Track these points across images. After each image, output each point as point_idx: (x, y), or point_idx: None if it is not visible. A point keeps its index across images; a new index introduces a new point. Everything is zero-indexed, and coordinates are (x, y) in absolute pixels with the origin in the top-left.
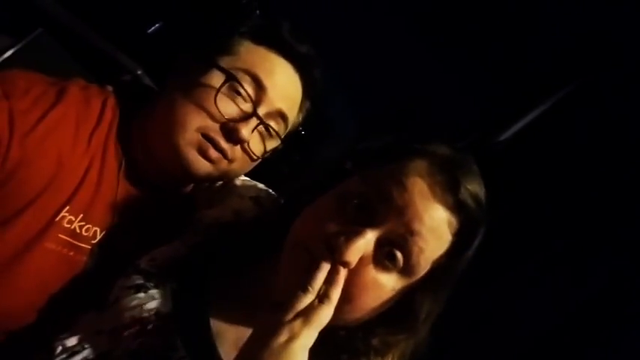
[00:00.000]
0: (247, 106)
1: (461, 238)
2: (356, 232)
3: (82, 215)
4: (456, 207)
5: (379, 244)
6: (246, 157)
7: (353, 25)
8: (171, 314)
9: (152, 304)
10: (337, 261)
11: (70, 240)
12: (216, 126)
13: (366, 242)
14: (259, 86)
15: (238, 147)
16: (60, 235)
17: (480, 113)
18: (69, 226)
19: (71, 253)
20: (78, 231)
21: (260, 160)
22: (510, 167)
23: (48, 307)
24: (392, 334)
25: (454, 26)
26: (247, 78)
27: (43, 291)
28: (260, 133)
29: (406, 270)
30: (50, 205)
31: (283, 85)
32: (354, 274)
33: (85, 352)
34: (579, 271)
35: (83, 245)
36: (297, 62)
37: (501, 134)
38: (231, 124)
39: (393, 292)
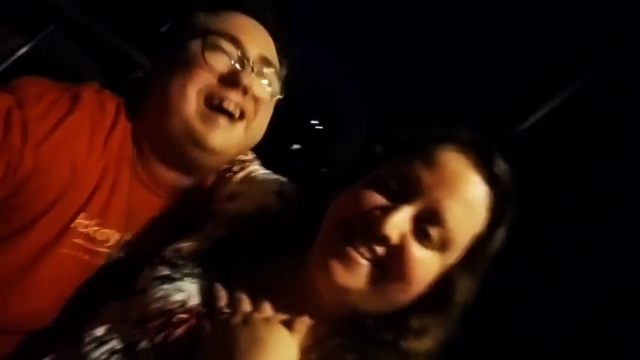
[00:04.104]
0: (235, 55)
1: (495, 214)
2: (392, 207)
3: (97, 220)
4: (491, 181)
5: (416, 221)
6: (258, 108)
7: (369, 25)
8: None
9: (178, 297)
10: (375, 236)
11: (86, 245)
12: (215, 82)
13: (401, 217)
14: (236, 40)
15: (248, 98)
16: (75, 240)
17: (495, 106)
18: (84, 230)
19: (86, 257)
20: (93, 235)
21: (269, 110)
22: (525, 160)
23: (66, 309)
24: (427, 318)
25: (468, 21)
26: (222, 38)
27: (61, 294)
28: (258, 79)
29: (443, 246)
30: (65, 211)
31: (255, 34)
32: (400, 253)
33: (113, 342)
34: (595, 267)
35: (99, 249)
36: (253, 12)
37: (516, 127)
38: (229, 74)
39: (435, 274)
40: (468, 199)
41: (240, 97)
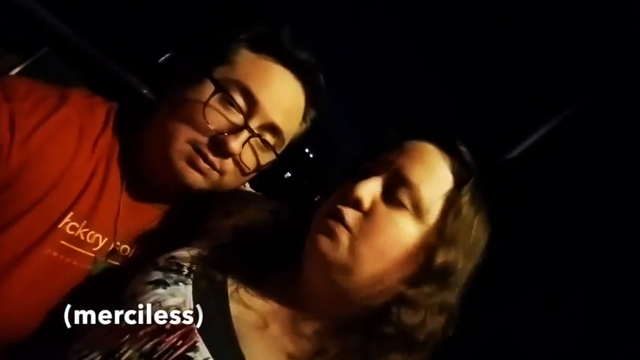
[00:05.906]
0: (238, 119)
1: (459, 177)
2: (362, 178)
3: (85, 222)
4: (449, 149)
5: (387, 186)
6: (239, 170)
7: (360, 51)
8: (192, 313)
9: (172, 301)
10: (349, 202)
11: (72, 247)
12: (205, 139)
13: (372, 182)
14: (252, 98)
15: (230, 160)
16: (62, 242)
17: (487, 132)
18: (72, 232)
19: (74, 262)
20: (82, 238)
21: (255, 173)
22: (517, 185)
23: (49, 317)
24: (421, 287)
25: (461, 46)
26: (240, 90)
27: (43, 301)
28: (253, 147)
29: (417, 209)
30: (53, 210)
31: (280, 97)
32: (369, 215)
33: (93, 355)
34: (589, 293)
35: (85, 252)
36: (297, 69)
37: (508, 152)
38: (220, 136)
39: (411, 238)
40: (431, 165)
41: (220, 159)
